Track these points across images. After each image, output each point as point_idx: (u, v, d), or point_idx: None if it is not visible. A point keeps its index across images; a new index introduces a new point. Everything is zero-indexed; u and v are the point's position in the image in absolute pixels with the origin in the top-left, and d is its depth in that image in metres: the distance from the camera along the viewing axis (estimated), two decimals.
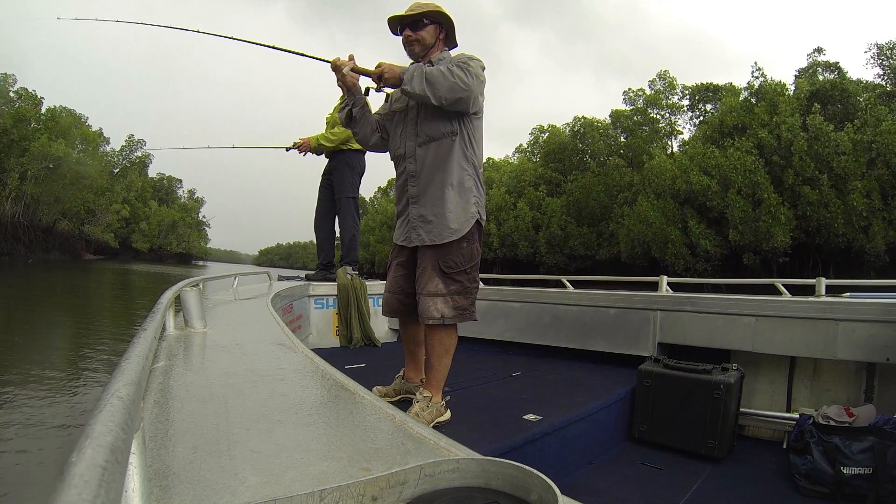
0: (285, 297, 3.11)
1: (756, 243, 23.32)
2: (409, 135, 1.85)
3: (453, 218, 1.78)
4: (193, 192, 74.40)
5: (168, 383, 0.90)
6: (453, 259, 1.79)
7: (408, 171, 1.85)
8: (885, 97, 24.89)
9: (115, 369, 0.50)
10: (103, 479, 0.26)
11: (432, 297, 1.78)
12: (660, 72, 37.22)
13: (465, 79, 1.70)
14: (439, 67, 1.72)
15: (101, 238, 46.37)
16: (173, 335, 1.39)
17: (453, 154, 1.80)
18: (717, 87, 34.70)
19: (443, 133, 1.79)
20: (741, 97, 30.05)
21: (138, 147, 57.73)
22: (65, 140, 38.48)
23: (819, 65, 30.16)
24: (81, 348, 6.14)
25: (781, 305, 2.63)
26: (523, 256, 36.22)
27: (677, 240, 25.84)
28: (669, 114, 36.98)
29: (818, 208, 22.28)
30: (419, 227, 1.81)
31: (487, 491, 0.51)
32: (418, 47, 1.86)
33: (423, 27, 1.85)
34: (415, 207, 1.83)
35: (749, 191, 23.71)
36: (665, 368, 2.48)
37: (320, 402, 0.89)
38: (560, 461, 1.99)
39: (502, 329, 3.76)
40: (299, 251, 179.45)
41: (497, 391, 2.43)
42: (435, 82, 1.68)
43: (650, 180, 28.58)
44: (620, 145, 36.34)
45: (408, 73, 1.72)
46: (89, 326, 8.00)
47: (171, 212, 63.40)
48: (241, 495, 0.49)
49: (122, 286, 19.42)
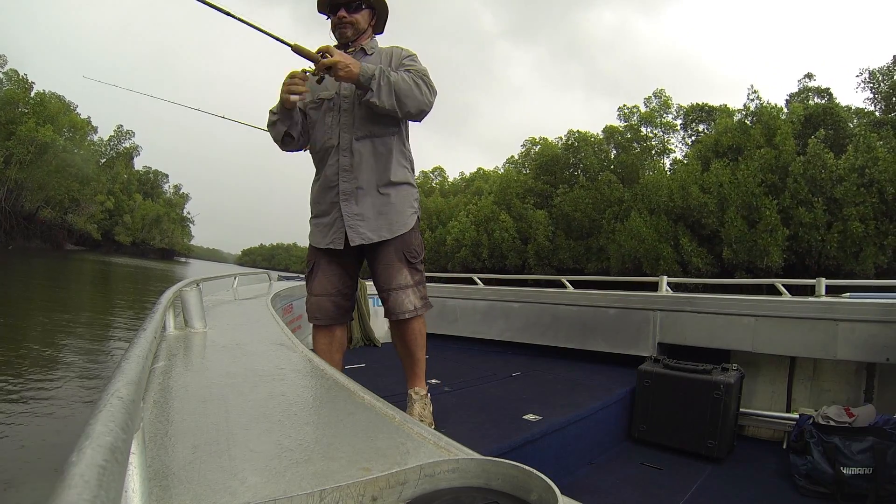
0: (285, 297, 3.12)
1: (750, 262, 23.81)
2: (344, 126, 1.72)
3: (398, 212, 1.73)
4: (179, 187, 73.43)
5: (168, 383, 0.90)
6: (415, 248, 1.76)
7: (341, 165, 1.71)
8: (876, 125, 25.53)
9: (115, 369, 0.50)
10: (103, 479, 0.26)
11: (403, 290, 1.72)
12: (655, 90, 38.02)
13: (430, 96, 1.64)
14: (404, 78, 1.62)
15: (83, 229, 45.42)
16: (173, 335, 1.39)
17: (394, 151, 1.73)
18: (711, 107, 35.29)
19: (386, 131, 1.72)
20: (735, 118, 30.66)
21: (127, 138, 56.56)
22: (52, 126, 37.42)
23: (810, 90, 30.99)
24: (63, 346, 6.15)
25: (781, 305, 2.63)
26: (512, 267, 36.22)
27: (669, 257, 26.21)
28: (662, 132, 37.49)
29: (810, 230, 22.93)
30: (358, 226, 1.70)
31: (487, 491, 0.51)
32: (351, 31, 1.75)
33: (358, 10, 1.74)
34: (348, 205, 1.71)
35: (746, 211, 24.21)
36: (665, 368, 2.47)
37: (320, 402, 0.89)
38: (560, 461, 1.99)
39: (502, 329, 3.76)
40: (282, 252, 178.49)
41: (497, 391, 2.43)
42: (404, 99, 1.60)
43: (644, 196, 28.98)
44: (612, 161, 36.60)
45: (373, 80, 1.57)
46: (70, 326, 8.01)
47: (156, 206, 62.23)
48: (241, 495, 0.49)
49: (101, 281, 19.20)
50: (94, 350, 6.03)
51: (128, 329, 7.64)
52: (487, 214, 38.29)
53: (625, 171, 34.89)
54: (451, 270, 39.72)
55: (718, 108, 34.34)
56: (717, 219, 25.04)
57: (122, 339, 6.81)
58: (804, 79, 31.38)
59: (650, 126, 37.37)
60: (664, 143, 37.42)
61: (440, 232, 41.80)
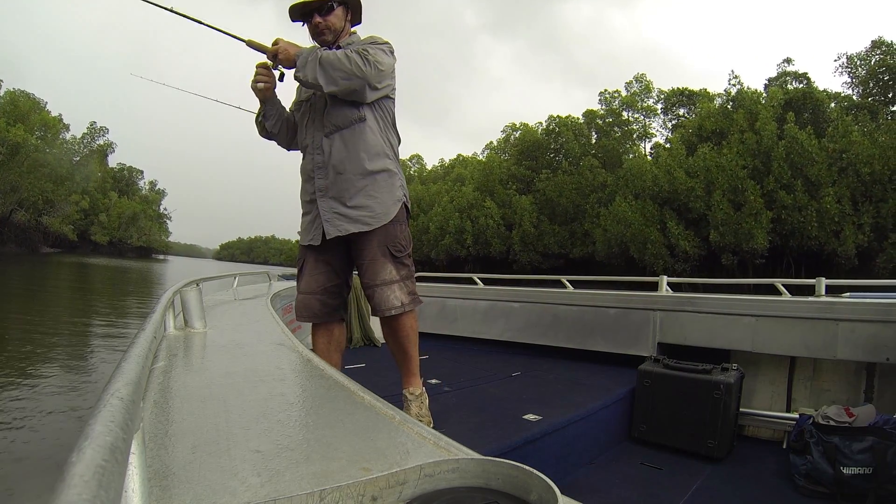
0: (285, 297, 3.12)
1: (736, 244, 24.03)
2: (315, 125, 1.73)
3: (378, 202, 1.69)
4: (155, 183, 71.48)
5: (168, 383, 0.90)
6: (400, 242, 1.72)
7: (315, 163, 1.72)
8: (853, 109, 26.06)
9: (114, 369, 0.50)
10: (103, 479, 0.26)
11: (388, 285, 1.69)
12: (637, 74, 38.42)
13: (361, 66, 1.57)
14: (336, 53, 1.59)
15: (59, 230, 43.97)
16: (173, 335, 1.39)
17: (366, 140, 1.69)
18: (691, 91, 35.47)
19: (350, 120, 1.68)
20: (716, 103, 31.10)
21: (100, 135, 54.80)
22: (23, 125, 36.13)
23: (788, 74, 31.36)
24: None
25: (781, 305, 2.63)
26: (496, 254, 36.27)
27: (657, 240, 26.37)
28: (644, 116, 37.64)
29: (792, 212, 23.16)
30: (334, 219, 1.69)
31: (487, 491, 0.51)
32: (330, 35, 1.73)
33: (330, 11, 1.71)
34: (324, 201, 1.70)
35: (732, 194, 24.40)
36: (665, 368, 2.47)
37: (320, 402, 0.89)
38: (560, 461, 1.99)
39: (502, 329, 3.76)
40: (260, 245, 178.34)
41: (497, 391, 2.43)
42: (329, 70, 1.56)
43: (628, 181, 29.10)
44: (593, 146, 36.80)
45: (301, 56, 1.59)
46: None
47: (132, 203, 60.54)
48: (241, 495, 0.49)
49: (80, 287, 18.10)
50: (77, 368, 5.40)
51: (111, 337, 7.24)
52: (470, 201, 38.21)
53: (606, 155, 35.15)
54: (435, 259, 39.58)
55: (699, 92, 34.65)
56: (704, 202, 25.27)
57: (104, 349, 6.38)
58: (783, 63, 31.79)
59: (631, 110, 37.68)
60: (646, 127, 37.73)
61: (422, 220, 41.50)
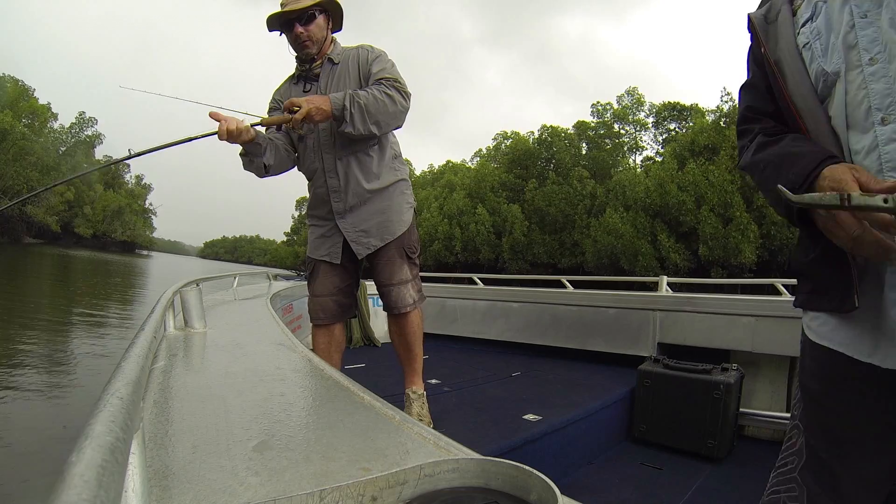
0: (285, 297, 3.12)
1: (725, 258, 24.23)
2: (325, 148, 1.71)
3: (396, 212, 1.76)
4: (141, 177, 70.79)
5: (168, 383, 0.90)
6: (414, 244, 1.83)
7: (330, 187, 1.72)
8: None
9: (114, 369, 0.50)
10: (103, 479, 0.26)
11: (404, 284, 1.77)
12: (629, 88, 38.61)
13: (404, 103, 1.61)
14: (375, 96, 1.56)
15: (43, 220, 43.24)
16: (173, 335, 1.39)
17: (380, 159, 1.72)
18: (683, 106, 35.52)
19: (367, 144, 1.70)
20: (709, 119, 31.27)
21: (89, 125, 53.75)
22: (11, 112, 35.39)
23: None
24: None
25: (781, 305, 2.63)
26: (485, 262, 36.23)
27: (648, 253, 26.60)
28: (635, 129, 37.76)
29: (781, 228, 23.32)
30: (360, 238, 1.73)
31: (487, 491, 0.51)
32: (314, 47, 1.68)
33: (312, 20, 1.65)
34: (345, 223, 1.73)
35: (721, 209, 24.66)
36: (665, 368, 2.47)
37: (320, 402, 0.89)
38: (560, 461, 1.99)
39: (502, 329, 3.76)
40: (245, 245, 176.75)
41: (497, 391, 2.43)
42: (379, 118, 1.57)
43: (618, 193, 29.31)
44: (583, 157, 36.90)
45: (345, 111, 1.53)
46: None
47: (118, 197, 59.82)
48: (241, 495, 0.49)
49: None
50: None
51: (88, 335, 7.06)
52: (461, 208, 38.13)
53: (596, 166, 35.24)
54: (423, 266, 39.60)
55: (691, 107, 34.78)
56: (695, 216, 25.52)
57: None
58: None
59: (622, 123, 37.78)
60: (636, 140, 37.85)
61: None
